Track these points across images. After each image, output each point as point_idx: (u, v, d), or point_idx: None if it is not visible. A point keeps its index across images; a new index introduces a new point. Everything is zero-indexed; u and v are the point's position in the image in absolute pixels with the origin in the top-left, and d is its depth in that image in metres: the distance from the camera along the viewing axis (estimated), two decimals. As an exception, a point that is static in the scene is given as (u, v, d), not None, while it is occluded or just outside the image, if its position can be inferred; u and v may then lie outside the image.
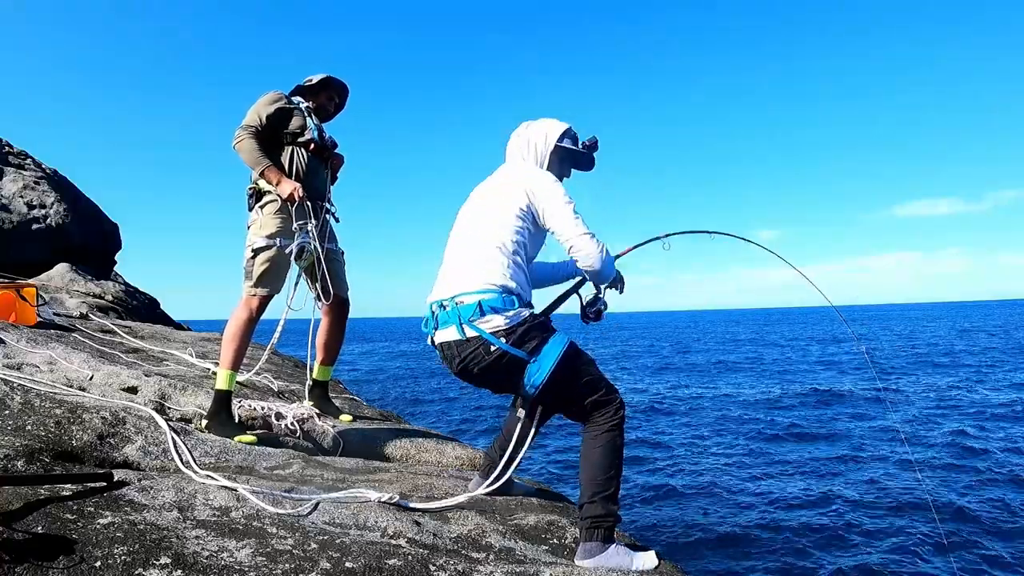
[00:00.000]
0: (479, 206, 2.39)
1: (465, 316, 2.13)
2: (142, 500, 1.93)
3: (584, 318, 2.56)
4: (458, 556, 1.90)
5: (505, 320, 2.12)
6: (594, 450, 2.13)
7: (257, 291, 3.24)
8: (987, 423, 12.64)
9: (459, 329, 2.14)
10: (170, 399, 3.40)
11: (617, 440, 2.14)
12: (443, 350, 2.24)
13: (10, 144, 12.32)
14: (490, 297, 2.13)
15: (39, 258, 10.73)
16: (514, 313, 2.15)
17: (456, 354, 2.18)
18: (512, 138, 2.54)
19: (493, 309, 2.12)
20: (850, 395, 16.99)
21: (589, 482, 2.10)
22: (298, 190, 3.23)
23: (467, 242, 2.31)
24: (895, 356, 28.07)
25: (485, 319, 2.11)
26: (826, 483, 9.00)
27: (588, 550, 2.03)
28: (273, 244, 3.24)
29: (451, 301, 2.18)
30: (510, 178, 2.37)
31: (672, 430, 13.02)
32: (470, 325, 2.12)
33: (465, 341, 2.14)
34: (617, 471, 2.12)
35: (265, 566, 1.61)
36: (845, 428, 12.70)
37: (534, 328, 2.16)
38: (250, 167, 3.28)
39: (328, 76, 3.56)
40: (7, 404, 2.52)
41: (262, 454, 2.74)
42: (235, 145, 3.26)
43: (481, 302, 2.12)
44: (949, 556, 6.41)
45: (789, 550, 6.68)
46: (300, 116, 3.40)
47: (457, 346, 2.17)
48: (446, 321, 2.19)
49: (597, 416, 2.17)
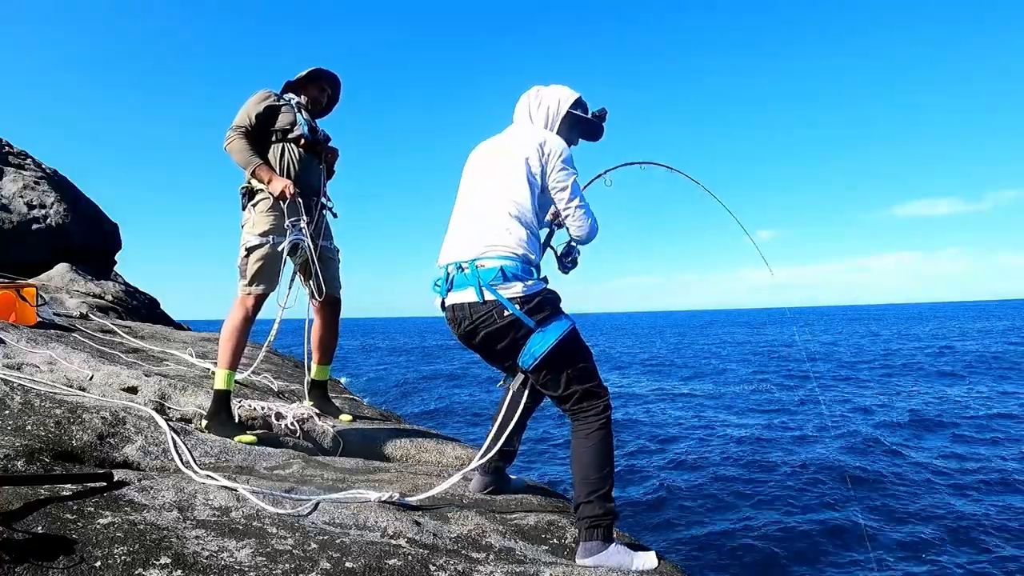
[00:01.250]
0: (491, 167, 2.37)
1: (486, 279, 2.15)
2: (142, 500, 1.93)
3: (562, 268, 2.62)
4: (458, 556, 1.90)
5: (523, 288, 2.15)
6: (586, 449, 2.14)
7: (251, 289, 3.23)
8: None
9: (478, 291, 2.15)
10: (170, 399, 3.40)
11: (607, 438, 2.15)
12: (454, 311, 2.25)
13: (10, 144, 12.32)
14: (511, 264, 2.16)
15: (39, 258, 10.73)
16: (532, 283, 2.18)
17: (468, 315, 2.20)
18: (522, 99, 2.54)
19: (515, 276, 2.15)
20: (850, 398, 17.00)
21: (583, 482, 2.11)
22: (289, 187, 3.21)
23: (485, 206, 2.29)
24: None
25: (505, 284, 2.14)
26: (826, 482, 9.00)
27: (589, 549, 2.03)
28: (266, 242, 3.24)
29: (471, 264, 2.19)
30: (521, 139, 2.36)
31: (672, 429, 13.02)
32: (489, 288, 2.14)
33: (482, 303, 2.16)
34: (610, 469, 2.13)
35: (265, 566, 1.61)
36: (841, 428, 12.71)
37: (547, 301, 2.19)
38: (241, 167, 3.27)
39: (316, 68, 3.52)
40: (7, 404, 2.52)
41: (262, 454, 2.74)
42: (226, 146, 3.26)
43: (503, 267, 2.14)
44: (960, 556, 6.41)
45: (790, 550, 6.68)
46: (289, 112, 3.38)
47: (471, 307, 2.19)
48: (463, 283, 2.21)
49: (586, 407, 2.17)
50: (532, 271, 2.22)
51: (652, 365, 27.98)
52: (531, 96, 2.52)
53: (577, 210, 2.36)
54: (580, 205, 2.36)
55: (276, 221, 3.27)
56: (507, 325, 2.15)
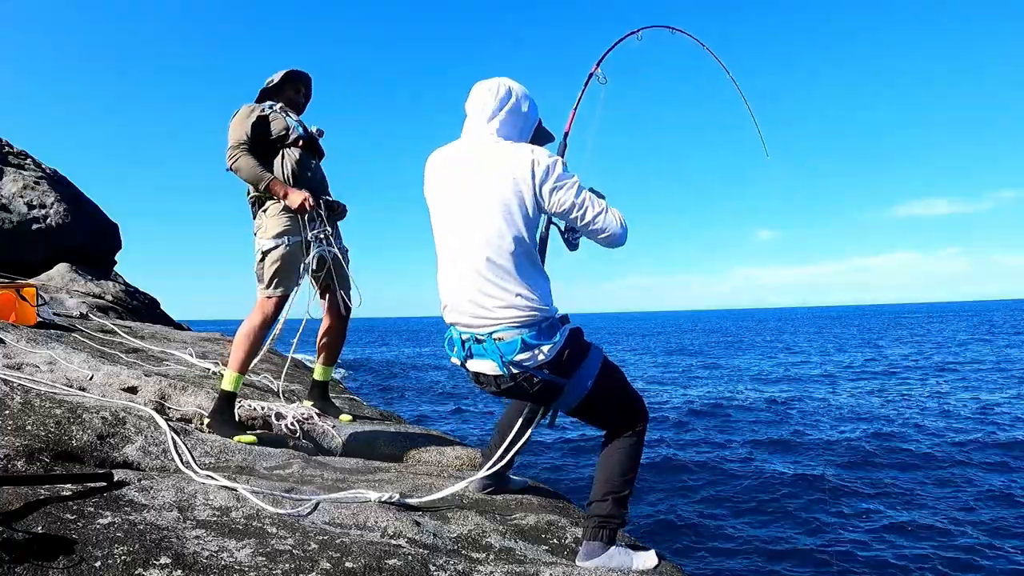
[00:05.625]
0: (473, 198, 2.06)
1: (508, 354, 2.00)
2: (142, 500, 1.93)
3: (569, 246, 2.32)
4: (458, 556, 1.90)
5: (548, 349, 2.01)
6: (615, 452, 2.11)
7: (271, 292, 3.23)
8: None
9: (500, 366, 2.02)
10: (170, 399, 3.40)
11: (638, 447, 2.12)
12: (479, 378, 2.15)
13: (10, 144, 12.33)
14: (531, 332, 2.00)
15: (39, 258, 10.74)
16: (556, 340, 2.02)
17: (495, 384, 2.10)
18: (482, 93, 2.15)
19: (537, 344, 1.99)
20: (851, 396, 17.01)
21: (604, 482, 2.08)
22: (309, 199, 3.24)
23: (482, 257, 2.02)
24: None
25: (528, 355, 2.00)
26: (826, 480, 9.00)
27: (591, 551, 2.02)
28: (281, 243, 3.24)
29: (487, 336, 2.02)
30: (503, 158, 2.04)
31: (670, 428, 13.02)
32: (514, 364, 2.01)
33: (508, 377, 2.05)
34: (633, 476, 2.11)
35: (265, 566, 1.61)
36: (844, 428, 12.71)
37: (574, 351, 2.07)
38: (252, 184, 3.28)
39: (288, 71, 3.55)
40: (7, 404, 2.52)
41: (262, 454, 2.74)
42: (231, 166, 3.25)
43: (524, 338, 1.98)
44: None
45: (790, 549, 6.68)
46: (279, 118, 3.39)
47: (497, 379, 2.08)
48: (482, 355, 2.06)
49: (623, 425, 2.13)
50: (553, 325, 2.04)
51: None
52: (496, 91, 2.13)
53: (598, 218, 2.08)
54: (599, 212, 2.08)
55: (289, 223, 3.28)
56: (540, 389, 2.07)
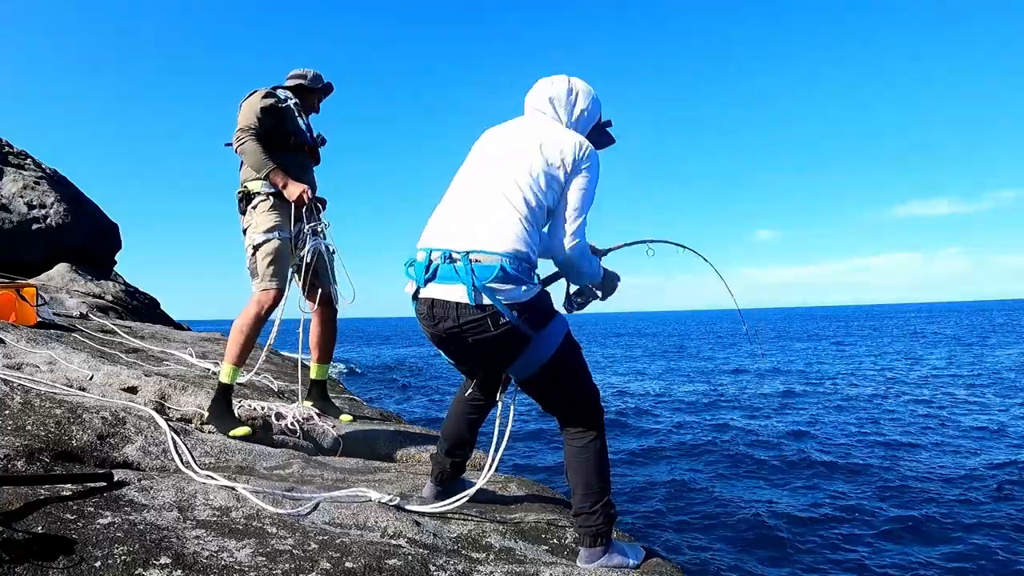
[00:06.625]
0: (510, 157, 2.02)
1: (482, 278, 1.82)
2: (142, 500, 1.93)
3: (568, 306, 2.30)
4: (458, 556, 1.90)
5: (524, 292, 1.87)
6: (585, 460, 2.04)
7: (267, 284, 3.24)
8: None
9: (470, 292, 1.83)
10: (170, 399, 3.40)
11: (603, 445, 2.06)
12: (433, 307, 1.93)
13: (10, 144, 12.33)
14: (514, 263, 1.85)
15: (39, 258, 10.74)
16: (535, 284, 1.92)
17: (453, 317, 1.88)
18: (544, 88, 2.17)
19: (516, 277, 1.85)
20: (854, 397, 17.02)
21: (586, 491, 2.02)
22: (307, 192, 3.27)
23: (495, 190, 1.96)
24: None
25: (504, 286, 1.84)
26: (825, 482, 9.01)
27: (592, 556, 2.02)
28: (272, 237, 3.26)
29: (464, 256, 1.86)
30: (556, 141, 2.01)
31: (670, 429, 13.02)
32: (485, 291, 1.82)
33: (474, 307, 1.85)
34: (608, 473, 2.06)
35: (265, 566, 1.61)
36: (843, 428, 12.72)
37: (544, 308, 1.96)
38: (255, 169, 3.28)
39: (328, 83, 3.68)
40: (7, 404, 2.52)
41: (262, 454, 2.74)
42: (238, 148, 3.28)
43: (505, 265, 1.83)
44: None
45: (789, 549, 6.68)
46: (291, 117, 3.43)
47: (459, 309, 1.87)
48: (450, 277, 1.88)
49: (581, 415, 2.04)
50: (533, 275, 1.96)
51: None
52: (558, 87, 2.15)
53: (580, 230, 2.03)
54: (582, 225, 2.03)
55: (279, 217, 3.30)
56: (502, 334, 1.87)
